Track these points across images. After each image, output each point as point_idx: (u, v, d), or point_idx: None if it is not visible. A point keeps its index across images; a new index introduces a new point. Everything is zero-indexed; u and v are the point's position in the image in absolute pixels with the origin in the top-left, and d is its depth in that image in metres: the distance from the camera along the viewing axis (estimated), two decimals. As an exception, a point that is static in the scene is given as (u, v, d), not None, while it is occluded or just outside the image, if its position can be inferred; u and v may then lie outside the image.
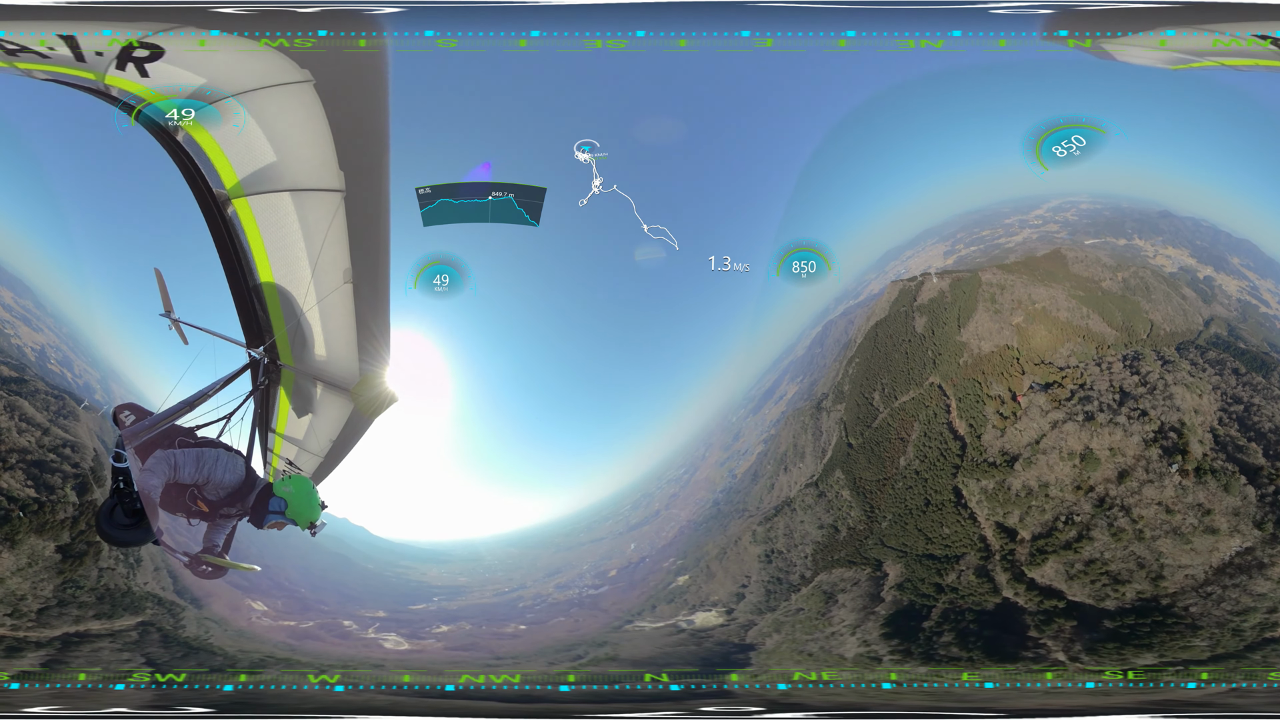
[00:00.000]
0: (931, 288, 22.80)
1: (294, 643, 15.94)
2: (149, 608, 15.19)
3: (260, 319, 7.13)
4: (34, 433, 16.34)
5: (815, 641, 18.75)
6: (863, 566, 20.88)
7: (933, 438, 20.77)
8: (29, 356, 19.52)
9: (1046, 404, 18.50)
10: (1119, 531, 15.63)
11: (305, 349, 7.48)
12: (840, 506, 22.49)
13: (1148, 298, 21.04)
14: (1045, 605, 15.39)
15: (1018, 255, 23.31)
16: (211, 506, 5.75)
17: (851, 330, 25.45)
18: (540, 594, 21.61)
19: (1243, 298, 20.48)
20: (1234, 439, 17.10)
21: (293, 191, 6.42)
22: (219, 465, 5.74)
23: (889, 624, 17.37)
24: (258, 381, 7.28)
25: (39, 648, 12.94)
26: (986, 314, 20.96)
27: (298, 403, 8.23)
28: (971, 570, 17.45)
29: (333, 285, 6.89)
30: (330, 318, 7.17)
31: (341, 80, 5.95)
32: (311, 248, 6.68)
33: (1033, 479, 17.52)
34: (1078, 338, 20.16)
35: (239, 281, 6.85)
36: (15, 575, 13.86)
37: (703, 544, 23.72)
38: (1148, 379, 18.74)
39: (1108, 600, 14.73)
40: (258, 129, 6.17)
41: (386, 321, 7.15)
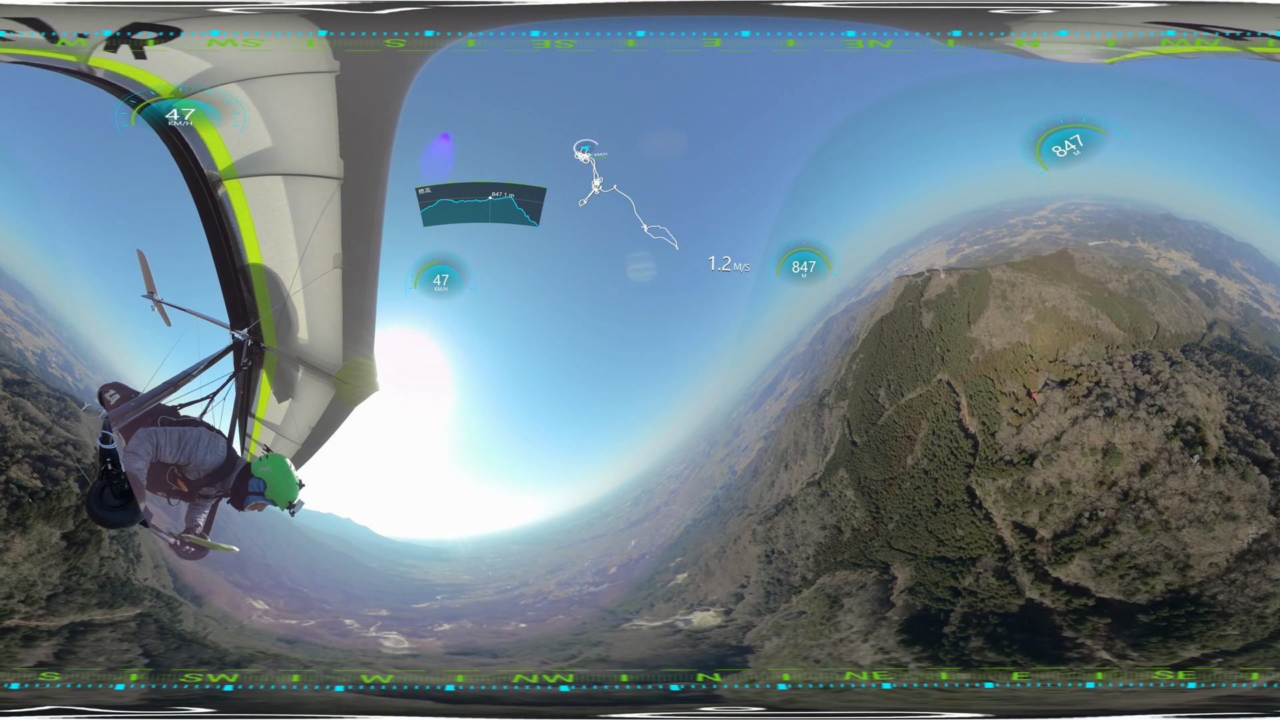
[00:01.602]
0: (939, 283, 22.82)
1: (294, 640, 15.92)
2: (147, 599, 15.75)
3: (246, 300, 7.24)
4: (37, 431, 17.06)
5: (821, 647, 18.35)
6: (868, 569, 20.60)
7: (942, 436, 20.67)
8: (30, 360, 19.88)
9: (1064, 400, 18.55)
10: (1145, 524, 15.88)
11: (290, 332, 7.57)
12: (844, 507, 22.21)
13: (1153, 300, 21.44)
14: (1074, 604, 15.29)
15: (1022, 255, 23.55)
16: (191, 486, 5.84)
17: (854, 327, 25.36)
18: (541, 591, 21.66)
19: (1245, 302, 21.02)
20: (1243, 435, 17.48)
21: (286, 176, 6.57)
22: (200, 445, 5.79)
23: (905, 629, 17.05)
24: (240, 363, 7.35)
25: (51, 636, 13.76)
26: (998, 310, 21.03)
27: (279, 387, 8.31)
28: (990, 572, 17.29)
29: (321, 270, 7.04)
30: (316, 302, 7.29)
31: (365, 74, 6.17)
32: (302, 232, 6.83)
33: (1054, 476, 17.52)
34: (1088, 337, 20.36)
35: (226, 261, 6.97)
36: (27, 561, 14.78)
37: (701, 542, 23.32)
38: (1159, 378, 19.00)
39: (1138, 595, 14.94)
40: (257, 114, 6.35)
41: (373, 310, 7.34)
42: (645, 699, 10.24)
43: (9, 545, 14.65)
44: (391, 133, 6.24)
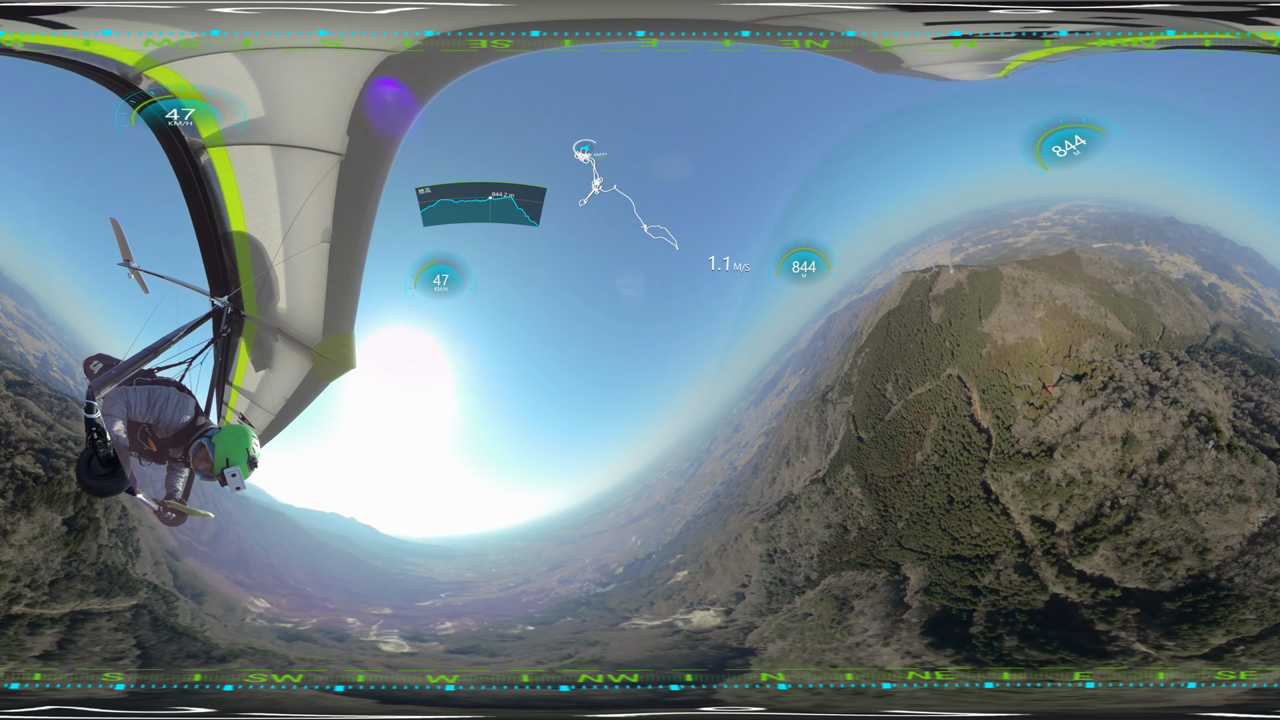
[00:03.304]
0: (948, 279, 23.06)
1: (294, 639, 16.54)
2: (144, 591, 16.34)
3: (227, 267, 7.32)
4: (39, 427, 17.75)
5: (835, 651, 18.06)
6: (877, 570, 20.43)
7: (953, 431, 20.73)
8: (31, 364, 20.59)
9: (1081, 393, 18.79)
10: (1165, 508, 16.32)
11: (271, 302, 7.65)
12: (850, 505, 22.08)
13: (1158, 302, 22.01)
14: (1101, 596, 15.34)
15: (1028, 255, 24.01)
16: (160, 446, 5.99)
17: (856, 323, 25.47)
18: (544, 589, 21.82)
19: (1247, 305, 21.73)
20: (1250, 429, 18.01)
21: (276, 146, 6.67)
22: (169, 404, 5.95)
23: (929, 631, 16.87)
24: (220, 330, 7.46)
25: (54, 624, 14.57)
26: (1010, 306, 21.31)
27: (257, 356, 8.37)
28: (1011, 568, 17.27)
29: (309, 242, 7.16)
30: (300, 274, 7.40)
31: (404, 67, 6.36)
32: (291, 203, 6.94)
33: (1074, 467, 17.66)
34: (1099, 335, 20.75)
35: (206, 227, 7.02)
36: (31, 544, 15.62)
37: (702, 539, 22.96)
38: (1169, 374, 19.44)
39: (1162, 581, 15.33)
40: (253, 86, 6.48)
41: (357, 289, 7.51)
42: (658, 700, 10.35)
43: (15, 527, 15.52)
44: (407, 124, 6.38)
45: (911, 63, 7.82)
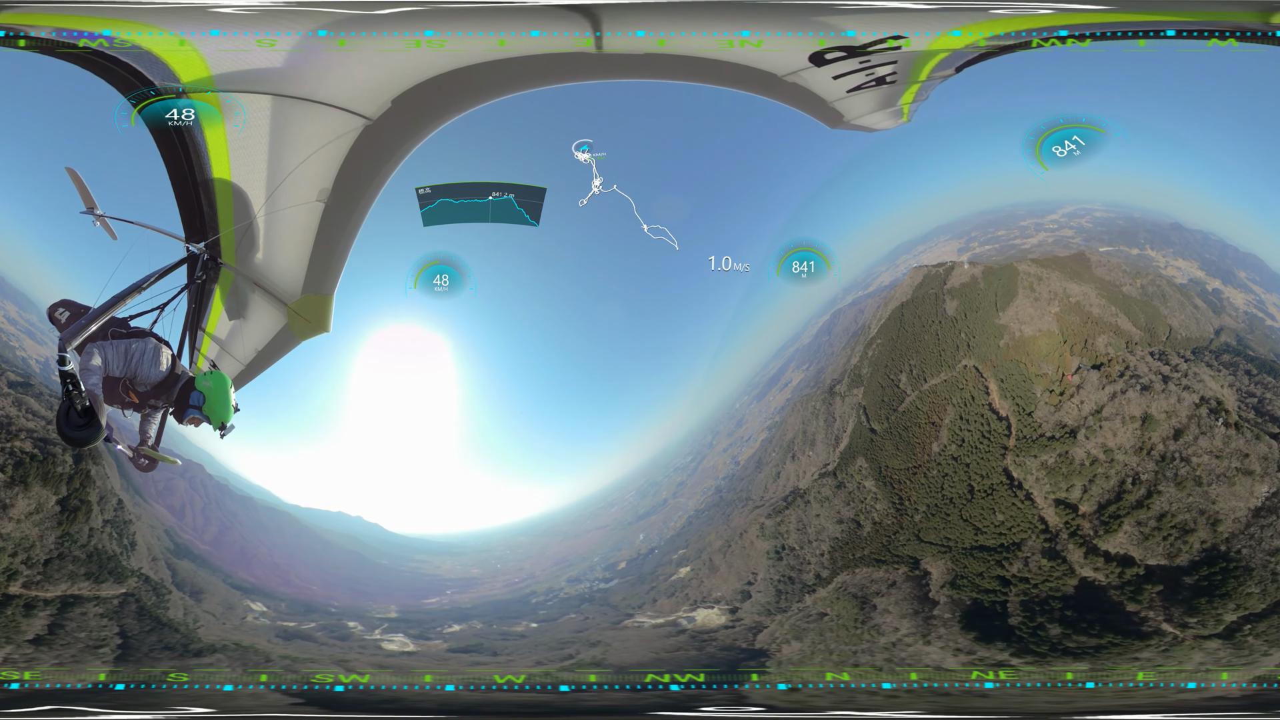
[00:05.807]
0: (962, 273, 23.89)
1: (293, 638, 16.86)
2: (133, 580, 17.12)
3: (205, 214, 7.41)
4: (39, 421, 18.74)
5: (867, 653, 18.00)
6: (895, 565, 20.56)
7: (971, 420, 21.26)
8: (33, 368, 21.27)
9: (1100, 379, 19.56)
10: (1182, 481, 17.37)
11: (252, 252, 7.79)
12: (863, 498, 22.29)
13: (1165, 304, 23.19)
14: (1127, 575, 15.81)
15: (1035, 256, 25.06)
16: (141, 398, 6.24)
17: (863, 318, 26.10)
18: (552, 589, 22.24)
19: (1249, 310, 23.03)
20: (1253, 419, 19.10)
21: (278, 96, 6.75)
22: (145, 358, 6.18)
23: (970, 626, 17.04)
24: (194, 276, 7.58)
25: (46, 606, 15.34)
26: (1027, 300, 22.16)
27: (231, 305, 8.62)
28: (1039, 553, 17.63)
29: (302, 199, 7.28)
30: (287, 228, 7.55)
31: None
32: (290, 155, 7.00)
33: (1096, 447, 18.36)
34: (1111, 331, 21.68)
35: (183, 172, 7.05)
36: (27, 519, 16.61)
37: (705, 534, 22.88)
38: (1178, 369, 20.42)
39: (1180, 555, 16.12)
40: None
41: (344, 255, 7.76)
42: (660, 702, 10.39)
43: (14, 501, 16.49)
44: (450, 114, 6.60)
45: (850, 116, 8.33)
